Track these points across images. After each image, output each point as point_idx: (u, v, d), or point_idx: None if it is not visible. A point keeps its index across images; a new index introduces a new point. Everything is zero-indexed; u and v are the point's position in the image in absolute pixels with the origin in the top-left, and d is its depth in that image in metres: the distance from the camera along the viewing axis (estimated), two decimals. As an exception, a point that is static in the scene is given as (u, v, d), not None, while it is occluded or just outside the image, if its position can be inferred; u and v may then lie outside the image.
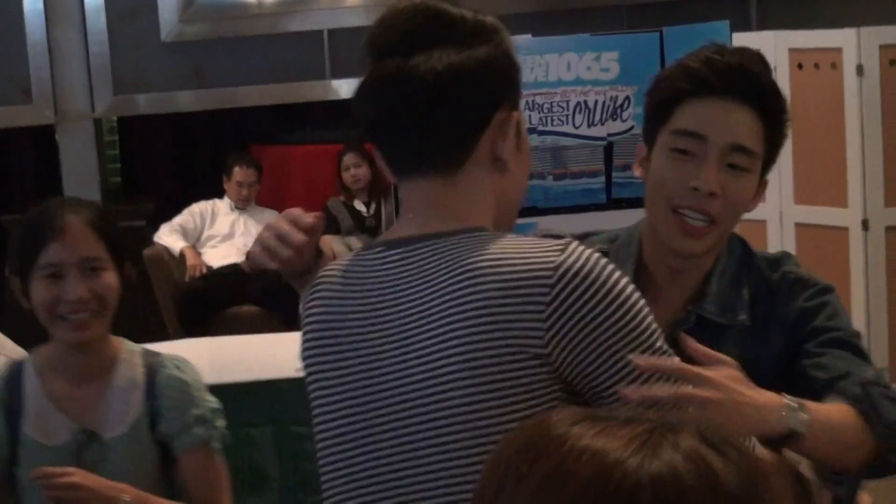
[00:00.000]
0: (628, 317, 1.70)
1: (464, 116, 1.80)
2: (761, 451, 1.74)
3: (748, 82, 1.99)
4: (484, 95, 1.82)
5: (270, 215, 7.67)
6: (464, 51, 1.79)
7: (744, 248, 2.14)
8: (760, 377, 2.01)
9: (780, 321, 2.08)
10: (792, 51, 6.02)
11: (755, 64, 2.03)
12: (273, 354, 4.81)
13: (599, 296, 1.69)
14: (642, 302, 1.72)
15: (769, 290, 2.08)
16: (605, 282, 1.69)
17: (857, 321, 6.23)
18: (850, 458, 1.89)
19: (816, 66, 6.36)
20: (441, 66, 1.77)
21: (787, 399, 1.80)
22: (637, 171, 2.10)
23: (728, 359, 1.79)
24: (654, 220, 2.07)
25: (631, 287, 1.71)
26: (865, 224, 6.31)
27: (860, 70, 6.26)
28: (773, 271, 2.10)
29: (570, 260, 1.69)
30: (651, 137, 2.08)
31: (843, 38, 5.78)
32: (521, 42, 3.60)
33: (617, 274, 1.71)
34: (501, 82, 1.84)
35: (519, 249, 1.72)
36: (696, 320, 2.09)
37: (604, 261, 1.71)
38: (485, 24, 1.83)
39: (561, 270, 1.68)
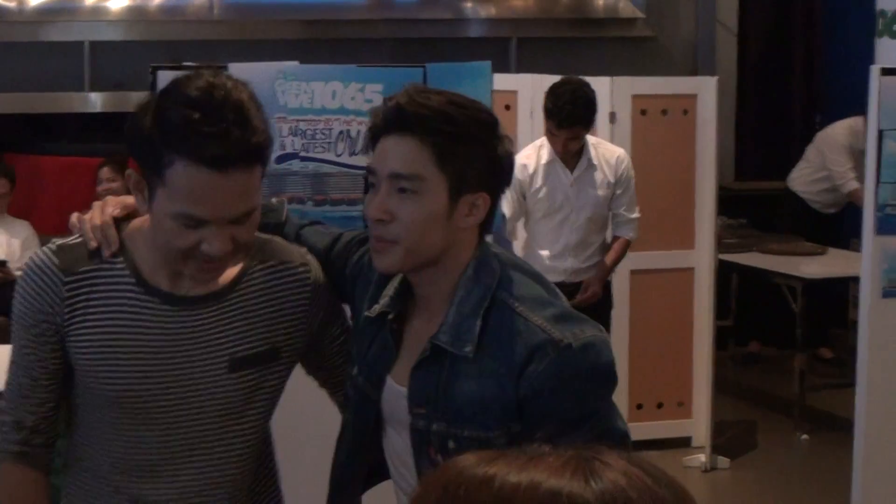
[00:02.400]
0: None
1: None
2: None
3: (402, 118, 2.16)
4: None
5: (21, 226, 7.49)
6: None
7: (498, 281, 2.15)
8: (493, 416, 2.07)
9: (519, 374, 2.07)
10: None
11: (419, 98, 2.18)
12: None
13: None
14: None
15: (514, 332, 2.10)
16: None
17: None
18: None
19: (571, 111, 6.56)
20: None
21: None
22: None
23: None
24: None
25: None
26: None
27: (612, 118, 6.50)
28: (534, 312, 2.11)
29: None
30: None
31: (597, 86, 5.98)
32: (287, 68, 3.62)
33: None
34: None
35: None
36: (431, 350, 2.15)
37: None
38: None
39: None
